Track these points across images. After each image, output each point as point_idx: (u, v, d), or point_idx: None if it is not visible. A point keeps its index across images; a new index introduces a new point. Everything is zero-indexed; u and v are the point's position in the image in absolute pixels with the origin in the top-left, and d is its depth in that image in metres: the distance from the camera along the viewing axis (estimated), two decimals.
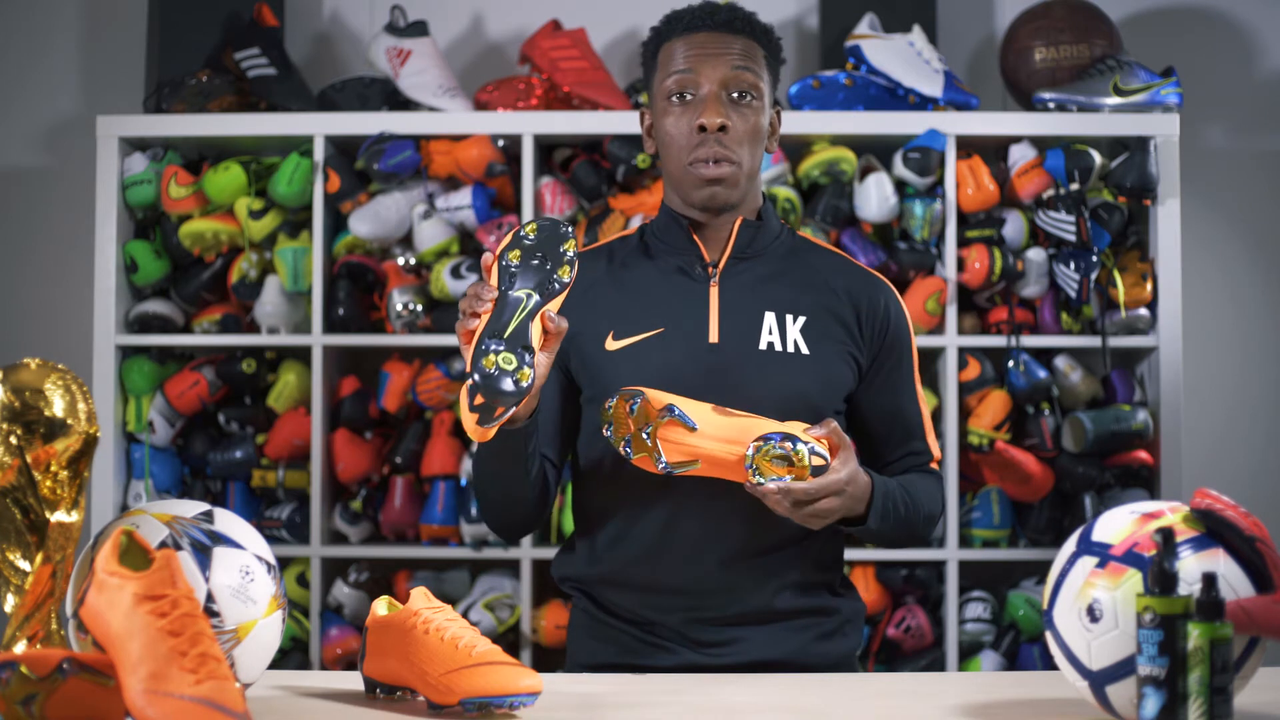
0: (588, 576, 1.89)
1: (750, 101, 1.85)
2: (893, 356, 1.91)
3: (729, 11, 1.87)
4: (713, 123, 1.82)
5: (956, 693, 1.65)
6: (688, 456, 1.70)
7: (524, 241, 1.69)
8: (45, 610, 1.54)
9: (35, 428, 1.54)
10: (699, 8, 1.89)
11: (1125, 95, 3.09)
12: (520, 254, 1.68)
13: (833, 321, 1.87)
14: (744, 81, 1.84)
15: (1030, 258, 3.10)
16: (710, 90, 1.83)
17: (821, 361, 1.85)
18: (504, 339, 1.63)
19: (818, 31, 3.37)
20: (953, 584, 3.07)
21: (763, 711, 1.53)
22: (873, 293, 1.91)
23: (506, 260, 1.68)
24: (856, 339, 1.88)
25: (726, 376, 1.81)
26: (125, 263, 3.15)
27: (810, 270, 1.91)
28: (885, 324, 1.90)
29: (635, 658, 1.84)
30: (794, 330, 1.85)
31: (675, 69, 1.85)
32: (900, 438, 1.92)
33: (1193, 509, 1.43)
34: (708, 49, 1.85)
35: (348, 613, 3.12)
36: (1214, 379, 3.38)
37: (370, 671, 1.59)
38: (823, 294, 1.89)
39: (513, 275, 1.67)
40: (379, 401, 3.18)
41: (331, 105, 3.18)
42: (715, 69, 1.84)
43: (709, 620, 1.83)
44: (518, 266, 1.67)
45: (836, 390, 1.87)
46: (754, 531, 1.81)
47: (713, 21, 1.86)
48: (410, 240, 3.18)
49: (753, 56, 1.86)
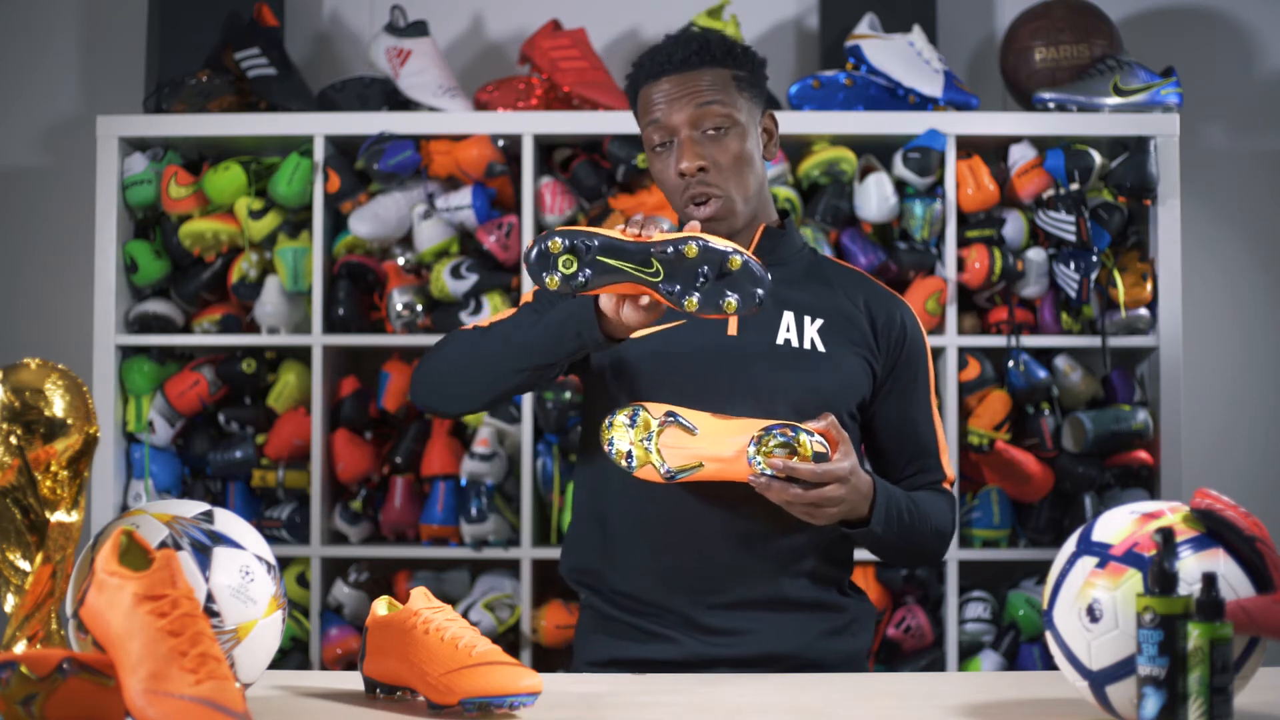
0: (596, 567, 1.90)
1: (724, 133, 1.86)
2: (909, 371, 1.93)
3: (685, 48, 1.88)
4: (689, 168, 1.85)
5: (956, 693, 1.65)
6: (690, 460, 1.71)
7: (709, 248, 1.63)
8: (45, 610, 1.54)
9: (35, 428, 1.54)
10: (659, 51, 1.90)
11: (1125, 95, 3.09)
12: (698, 251, 1.63)
13: (850, 327, 1.90)
14: (714, 116, 1.86)
15: (1030, 258, 3.10)
16: (685, 135, 1.86)
17: (837, 361, 1.88)
18: (595, 247, 1.61)
19: (818, 31, 3.37)
20: (953, 584, 3.07)
21: (763, 711, 1.53)
22: (890, 308, 1.94)
23: (696, 243, 1.62)
24: (873, 348, 1.91)
25: (743, 370, 1.84)
26: (125, 263, 3.15)
27: (829, 283, 1.95)
28: (902, 338, 1.93)
29: (643, 651, 1.85)
30: (811, 330, 1.88)
31: (650, 119, 1.89)
32: (912, 454, 1.93)
33: (1193, 509, 1.43)
34: (674, 93, 1.87)
35: (348, 613, 3.12)
36: (1214, 379, 3.38)
37: (370, 671, 1.59)
38: (841, 303, 1.92)
39: (675, 258, 1.62)
40: (379, 401, 3.18)
41: (331, 105, 3.18)
42: (682, 111, 1.86)
43: (718, 604, 1.84)
44: (686, 260, 1.62)
45: (851, 392, 1.88)
46: (763, 515, 1.82)
47: (671, 64, 1.87)
48: (410, 240, 3.18)
49: (720, 85, 1.87)
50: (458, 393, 1.88)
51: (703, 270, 1.63)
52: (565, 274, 1.63)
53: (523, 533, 3.08)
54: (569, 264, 1.63)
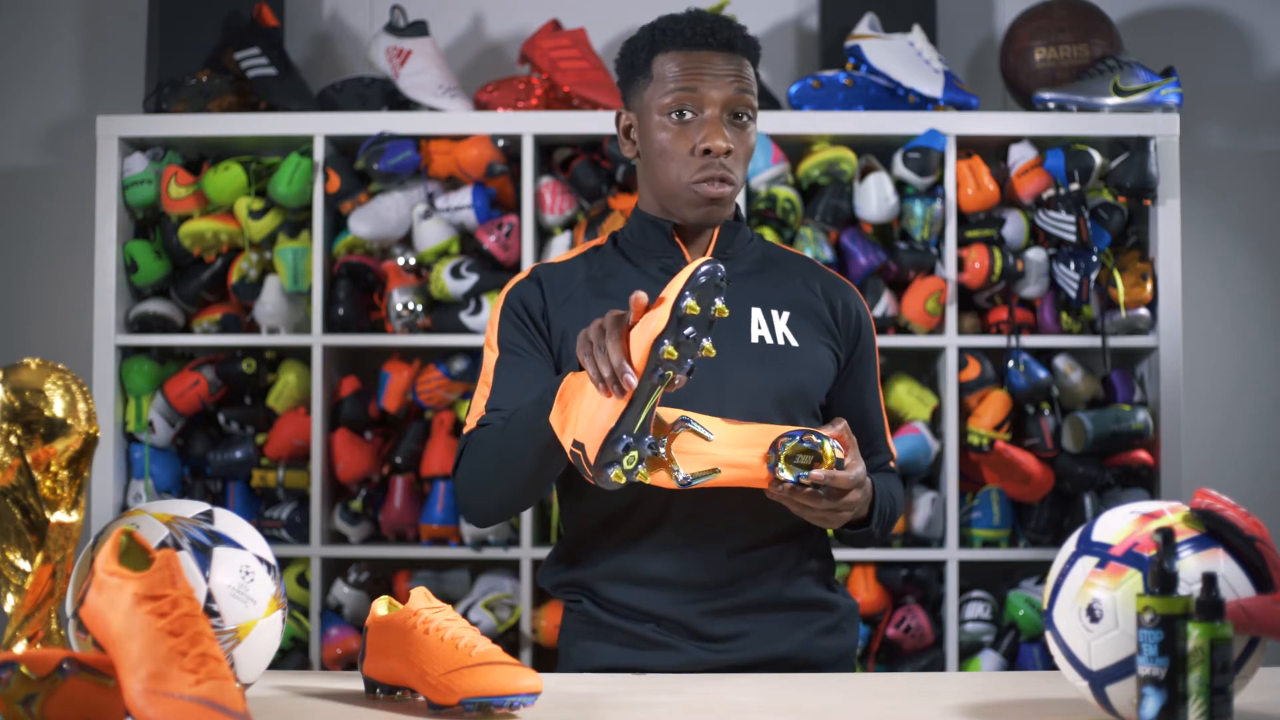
0: (590, 577, 1.89)
1: (746, 123, 1.86)
2: (864, 358, 1.96)
3: (728, 30, 1.86)
4: (720, 147, 1.83)
5: (956, 693, 1.65)
6: (707, 466, 1.70)
7: (687, 316, 1.57)
8: (45, 610, 1.54)
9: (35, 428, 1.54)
10: (698, 23, 1.87)
11: (1125, 95, 3.09)
12: (676, 335, 1.57)
13: (814, 316, 1.92)
14: (744, 104, 1.85)
15: (1030, 258, 3.10)
16: (714, 113, 1.84)
17: (810, 354, 1.89)
18: (634, 435, 1.59)
19: (818, 31, 3.37)
20: (953, 584, 3.07)
21: (763, 711, 1.53)
22: (845, 295, 1.96)
23: (664, 348, 1.55)
24: (836, 336, 1.93)
25: (722, 371, 1.82)
26: (125, 263, 3.15)
27: (784, 271, 1.96)
28: (858, 326, 1.96)
29: (640, 659, 1.84)
30: (780, 324, 1.89)
31: (676, 85, 1.84)
32: (866, 438, 1.94)
33: (1193, 509, 1.43)
34: (710, 69, 1.84)
35: (348, 613, 3.12)
36: (1214, 379, 3.38)
37: (370, 671, 1.59)
38: (800, 292, 1.93)
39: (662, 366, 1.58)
40: (379, 401, 3.18)
41: (331, 105, 3.18)
42: (719, 91, 1.84)
43: (720, 611, 1.84)
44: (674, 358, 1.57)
45: (823, 383, 1.91)
46: (755, 519, 1.82)
47: (715, 40, 1.85)
48: (410, 240, 3.18)
49: (748, 76, 1.87)
50: (504, 506, 1.85)
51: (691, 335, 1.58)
52: (628, 469, 1.61)
53: (523, 533, 3.08)
54: (631, 460, 1.61)
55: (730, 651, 1.83)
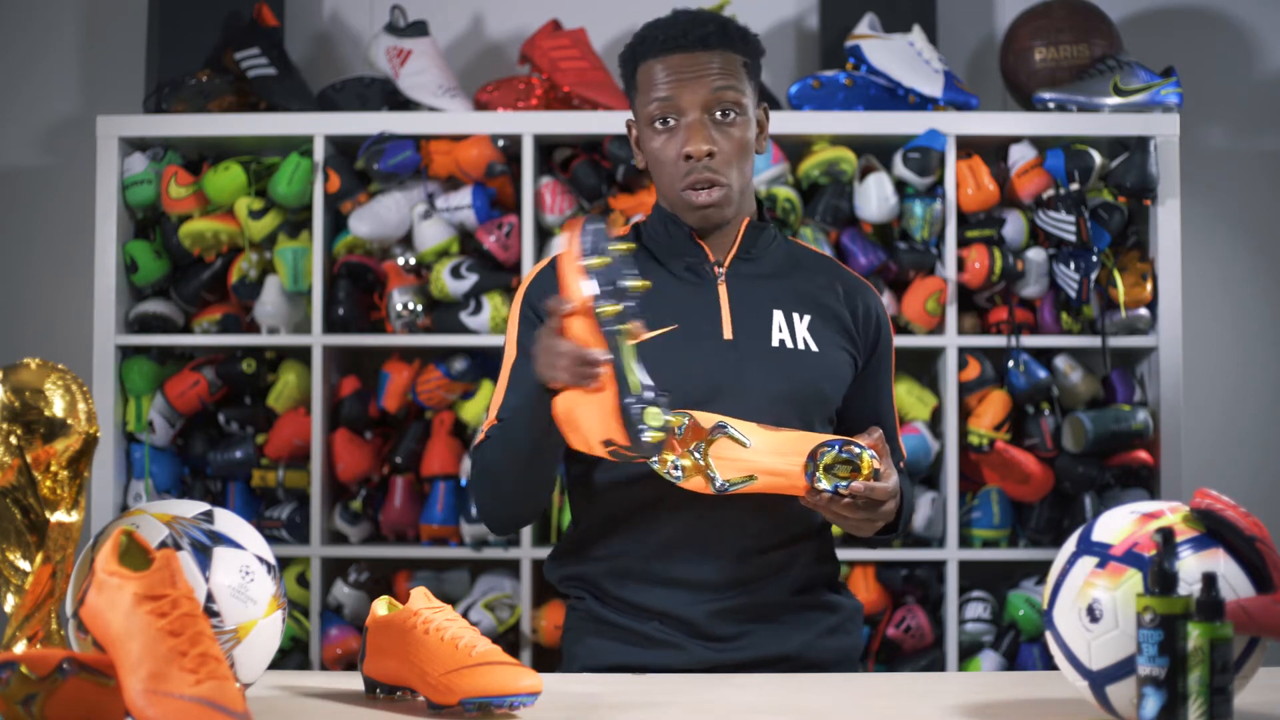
0: (597, 573, 1.89)
1: (734, 119, 1.84)
2: (883, 361, 1.96)
3: (702, 27, 1.84)
4: (699, 151, 1.82)
5: (956, 693, 1.65)
6: (744, 473, 1.69)
7: (602, 276, 1.62)
8: (45, 610, 1.54)
9: (35, 428, 1.54)
10: (673, 25, 1.85)
11: (1125, 95, 3.09)
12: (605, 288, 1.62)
13: (834, 320, 1.92)
14: (725, 101, 1.83)
15: (1030, 258, 3.10)
16: (694, 117, 1.82)
17: (829, 358, 1.89)
18: (638, 396, 1.59)
19: (818, 31, 3.37)
20: (953, 584, 3.07)
21: (763, 711, 1.53)
22: (865, 296, 1.96)
23: (601, 310, 1.60)
24: (855, 340, 1.93)
25: (742, 373, 1.83)
26: (125, 263, 3.15)
27: (806, 272, 1.95)
28: (878, 328, 1.95)
29: (645, 657, 1.84)
30: (801, 328, 1.88)
31: (656, 95, 1.84)
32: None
33: (1193, 509, 1.43)
34: (686, 72, 1.83)
35: (348, 613, 3.12)
36: (1214, 379, 3.38)
37: (370, 671, 1.59)
38: (822, 294, 1.93)
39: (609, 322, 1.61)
40: (379, 401, 3.18)
41: (331, 105, 3.18)
42: (695, 93, 1.82)
43: (726, 611, 1.84)
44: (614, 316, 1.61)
45: (841, 387, 1.91)
46: (764, 520, 1.82)
47: (687, 41, 1.83)
48: (410, 240, 3.18)
49: (732, 70, 1.84)
50: (518, 507, 1.86)
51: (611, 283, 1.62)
52: (656, 426, 1.60)
53: (523, 533, 3.08)
54: (654, 416, 1.60)
55: (734, 651, 1.83)
